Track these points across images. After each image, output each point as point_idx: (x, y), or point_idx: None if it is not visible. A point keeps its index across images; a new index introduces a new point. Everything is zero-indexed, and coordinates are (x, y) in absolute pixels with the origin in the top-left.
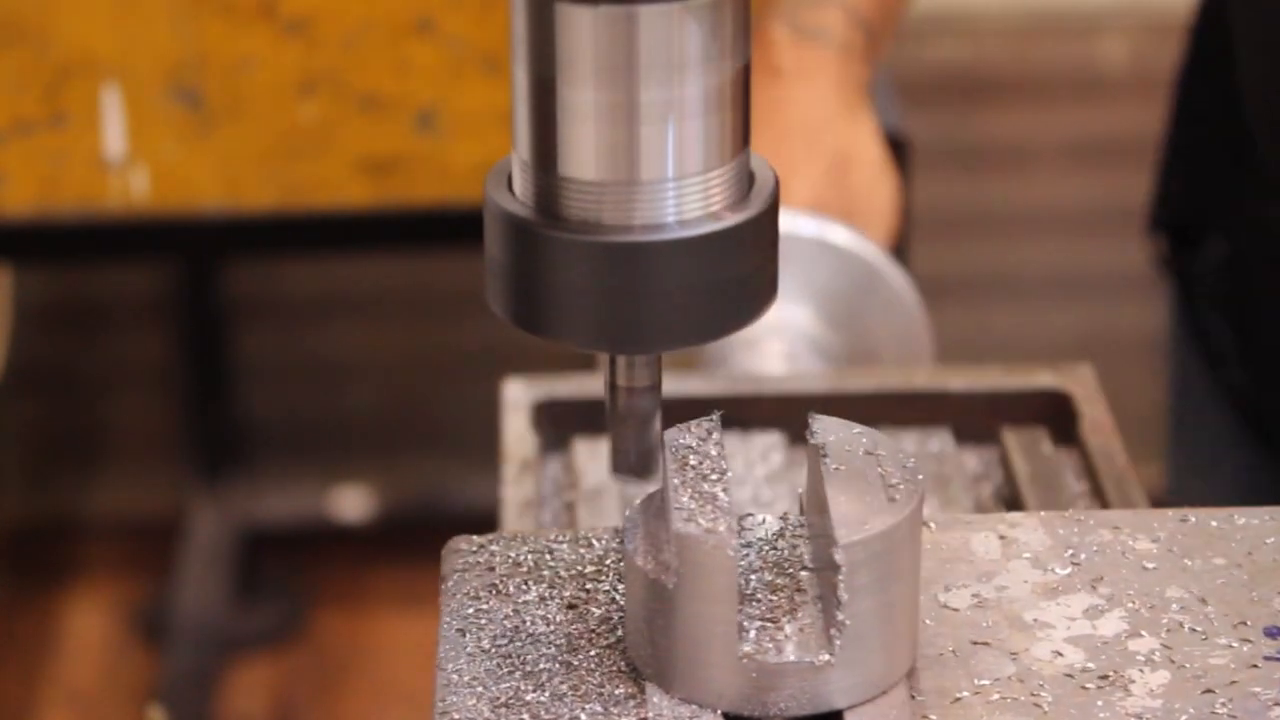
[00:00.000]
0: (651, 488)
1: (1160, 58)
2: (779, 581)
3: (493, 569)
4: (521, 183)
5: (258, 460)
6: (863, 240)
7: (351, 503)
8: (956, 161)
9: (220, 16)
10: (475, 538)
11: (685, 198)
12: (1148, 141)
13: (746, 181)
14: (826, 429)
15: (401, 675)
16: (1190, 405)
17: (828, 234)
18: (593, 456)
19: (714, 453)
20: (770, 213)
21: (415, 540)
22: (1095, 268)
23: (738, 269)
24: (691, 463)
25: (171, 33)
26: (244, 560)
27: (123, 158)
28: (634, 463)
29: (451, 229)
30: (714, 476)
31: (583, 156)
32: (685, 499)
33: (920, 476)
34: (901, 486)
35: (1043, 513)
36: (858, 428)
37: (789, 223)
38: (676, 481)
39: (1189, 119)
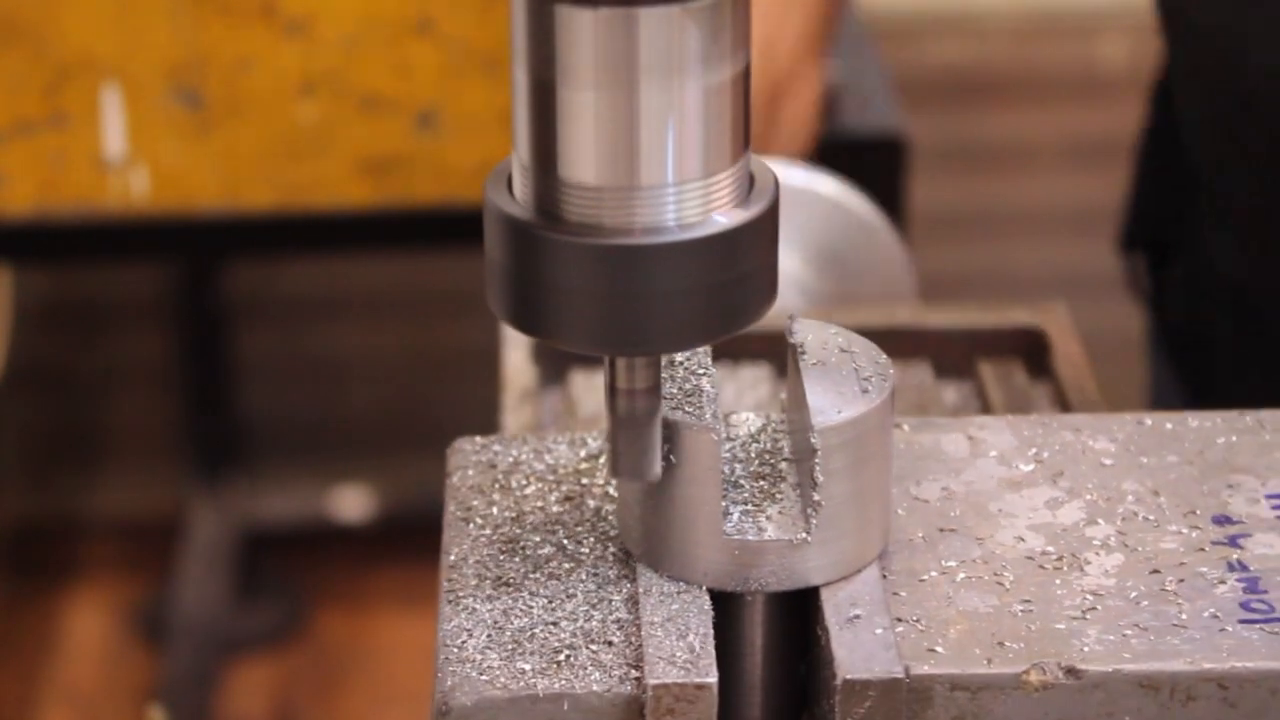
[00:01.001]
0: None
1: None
2: (761, 470)
3: (494, 466)
4: (521, 185)
5: (258, 460)
6: (849, 190)
7: (351, 503)
8: (956, 161)
9: (220, 16)
10: (479, 438)
11: (685, 200)
12: (1135, 151)
13: (747, 183)
14: (804, 329)
15: (401, 675)
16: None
17: (816, 184)
18: (589, 388)
19: (699, 351)
20: (770, 214)
21: (415, 540)
22: (1095, 267)
23: (738, 271)
24: (679, 360)
25: (171, 33)
26: (244, 560)
27: (123, 158)
28: (633, 464)
29: (451, 229)
30: (699, 371)
31: (583, 159)
32: (673, 390)
33: (891, 371)
34: (874, 379)
35: (1009, 416)
36: (834, 328)
37: (779, 173)
38: (665, 376)
39: (1155, 138)
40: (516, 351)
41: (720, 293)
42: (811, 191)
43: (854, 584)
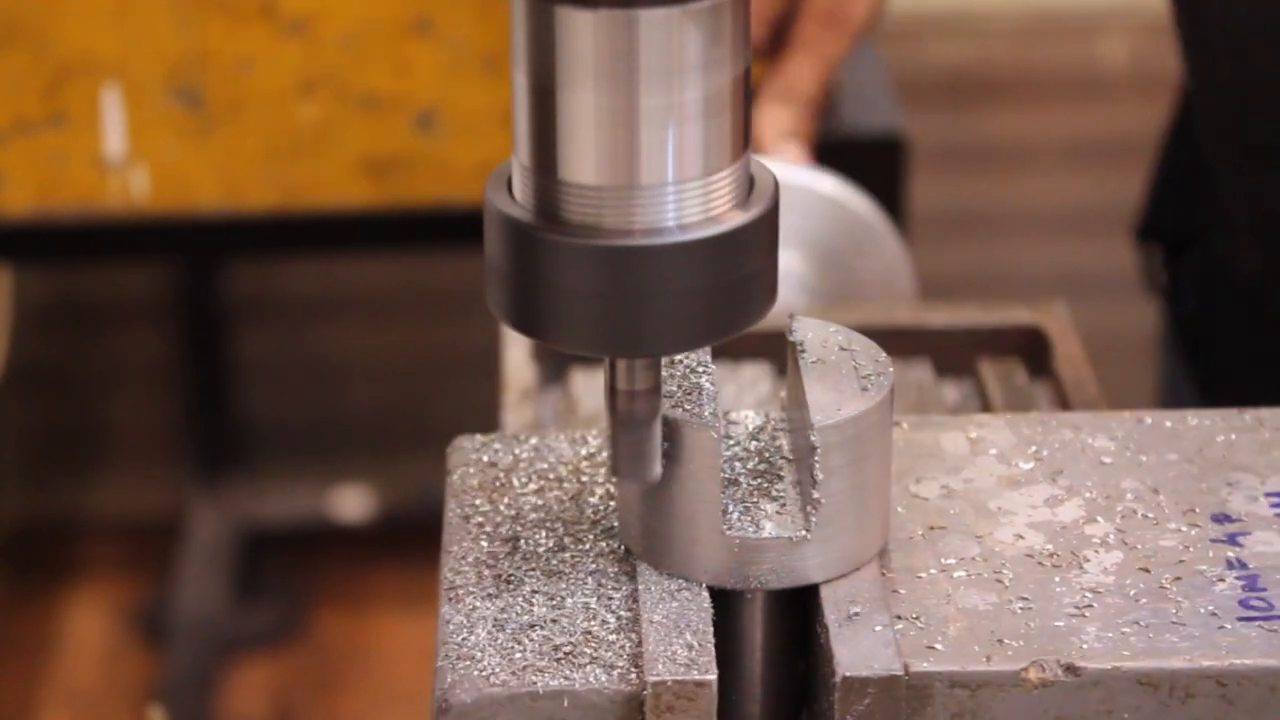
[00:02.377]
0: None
1: (1160, 58)
2: (760, 468)
3: (495, 464)
4: (521, 186)
5: (258, 460)
6: (850, 190)
7: (351, 503)
8: (956, 161)
9: (220, 16)
10: (479, 436)
11: (685, 201)
12: (1148, 141)
13: (747, 184)
14: (804, 327)
15: (401, 675)
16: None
17: (817, 184)
18: (590, 386)
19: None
20: (770, 215)
21: (415, 540)
22: (1095, 267)
23: (738, 272)
24: (678, 358)
25: (171, 33)
26: (244, 560)
27: (123, 158)
28: (633, 464)
29: (451, 229)
30: (699, 369)
31: (583, 160)
32: (673, 389)
33: (890, 369)
34: (874, 377)
35: (1009, 414)
36: (834, 326)
37: (780, 172)
38: (665, 374)
39: (1177, 134)
40: (516, 350)
41: (720, 294)
42: (812, 190)
43: (853, 581)
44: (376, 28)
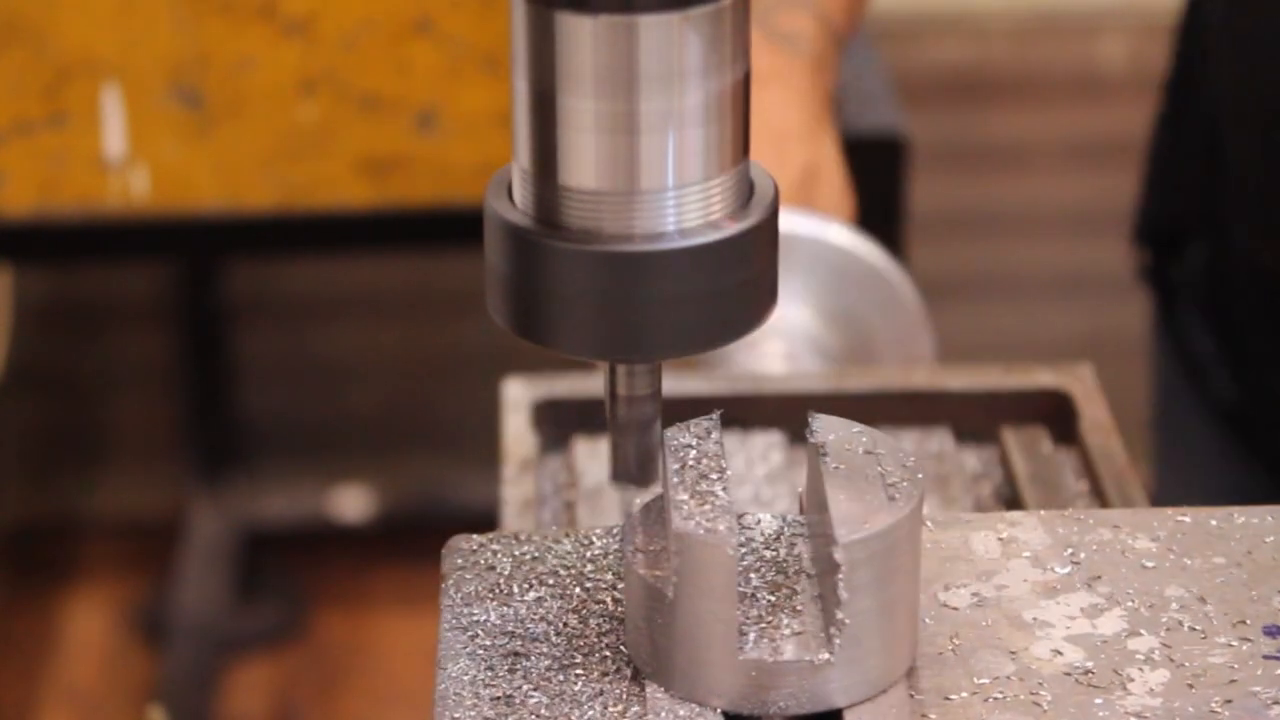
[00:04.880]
0: (651, 494)
1: (1160, 58)
2: (778, 580)
3: (493, 568)
4: (522, 192)
5: (258, 460)
6: (863, 240)
7: (351, 503)
8: (956, 161)
9: (220, 16)
10: (475, 537)
11: (685, 206)
12: (1147, 141)
13: (746, 189)
14: (826, 428)
15: (401, 675)
16: (1175, 419)
17: (827, 234)
18: (592, 456)
19: (713, 451)
20: (770, 221)
21: (415, 540)
22: (1095, 268)
23: (738, 277)
24: (690, 461)
25: (171, 33)
26: (244, 560)
27: (123, 158)
28: (634, 470)
29: (451, 229)
30: (713, 475)
31: (583, 166)
32: (684, 497)
33: (920, 475)
34: (901, 485)
35: (1042, 512)
36: (857, 427)
37: (789, 222)
38: (675, 480)
39: (1171, 127)
40: (516, 418)
41: (720, 299)
42: (822, 242)
43: (880, 705)
44: (376, 28)
